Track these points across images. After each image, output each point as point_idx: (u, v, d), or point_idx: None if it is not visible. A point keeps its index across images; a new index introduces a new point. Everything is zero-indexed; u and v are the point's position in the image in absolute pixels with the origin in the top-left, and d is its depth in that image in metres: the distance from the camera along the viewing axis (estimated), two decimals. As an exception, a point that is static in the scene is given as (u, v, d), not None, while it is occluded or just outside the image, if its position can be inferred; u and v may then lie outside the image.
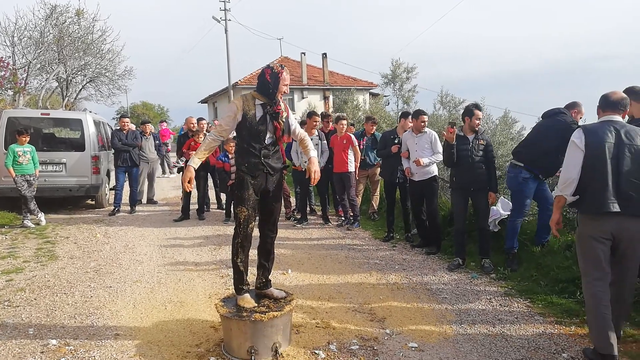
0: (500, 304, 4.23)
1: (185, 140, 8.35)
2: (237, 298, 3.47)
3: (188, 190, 3.52)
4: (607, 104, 3.26)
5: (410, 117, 6.66)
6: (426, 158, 5.92)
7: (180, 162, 8.80)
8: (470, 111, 5.26)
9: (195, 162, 3.44)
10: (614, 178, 3.07)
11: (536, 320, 3.86)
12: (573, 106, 4.99)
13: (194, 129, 8.49)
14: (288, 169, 3.55)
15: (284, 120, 3.49)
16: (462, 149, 5.19)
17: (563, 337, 3.54)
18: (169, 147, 15.95)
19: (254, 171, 3.40)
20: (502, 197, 6.05)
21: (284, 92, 3.43)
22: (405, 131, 6.46)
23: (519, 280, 4.79)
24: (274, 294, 3.58)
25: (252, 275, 3.63)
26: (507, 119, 7.89)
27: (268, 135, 3.43)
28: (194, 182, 3.53)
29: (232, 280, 3.58)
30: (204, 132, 9.31)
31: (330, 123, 8.43)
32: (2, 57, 14.86)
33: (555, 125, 4.82)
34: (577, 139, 3.19)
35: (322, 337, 3.58)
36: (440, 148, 5.91)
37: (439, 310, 4.10)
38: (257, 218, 3.55)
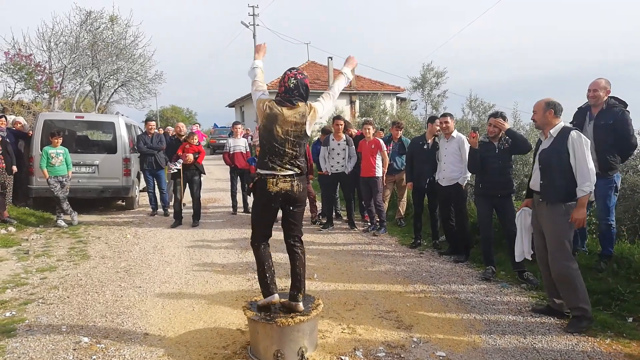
0: (531, 315, 4.12)
1: (178, 145, 8.24)
2: None
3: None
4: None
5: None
6: (461, 176, 5.88)
7: (177, 164, 8.71)
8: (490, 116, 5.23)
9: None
10: None
11: (569, 333, 3.75)
12: None
13: (182, 133, 8.49)
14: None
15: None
16: (488, 155, 5.10)
17: (597, 351, 3.42)
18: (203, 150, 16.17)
19: None
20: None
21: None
22: (435, 135, 6.42)
23: (551, 290, 4.66)
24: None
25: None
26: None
27: None
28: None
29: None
30: (240, 136, 9.39)
31: (352, 131, 8.41)
32: (39, 62, 15.42)
33: None
34: None
35: (348, 343, 3.56)
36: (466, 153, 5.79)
37: (468, 320, 4.03)
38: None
